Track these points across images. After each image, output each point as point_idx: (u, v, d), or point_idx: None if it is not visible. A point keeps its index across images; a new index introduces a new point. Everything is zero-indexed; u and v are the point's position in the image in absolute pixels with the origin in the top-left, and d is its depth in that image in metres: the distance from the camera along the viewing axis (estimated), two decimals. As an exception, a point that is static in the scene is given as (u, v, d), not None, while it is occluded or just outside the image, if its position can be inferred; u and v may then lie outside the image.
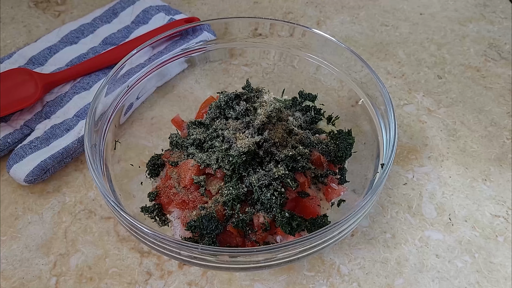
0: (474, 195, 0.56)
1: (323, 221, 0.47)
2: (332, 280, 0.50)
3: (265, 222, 0.46)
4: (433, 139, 0.61)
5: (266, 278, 0.50)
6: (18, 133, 0.59)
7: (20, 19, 0.75)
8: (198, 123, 0.54)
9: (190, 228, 0.46)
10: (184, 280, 0.50)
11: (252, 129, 0.50)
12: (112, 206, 0.44)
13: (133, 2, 0.74)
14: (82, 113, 0.60)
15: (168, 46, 0.62)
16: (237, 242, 0.47)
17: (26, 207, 0.55)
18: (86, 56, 0.67)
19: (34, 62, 0.66)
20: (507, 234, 0.53)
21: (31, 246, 0.52)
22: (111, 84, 0.53)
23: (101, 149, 0.51)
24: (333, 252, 0.52)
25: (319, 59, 0.59)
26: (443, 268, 0.51)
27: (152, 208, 0.51)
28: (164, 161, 0.53)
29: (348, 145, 0.52)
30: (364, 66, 0.53)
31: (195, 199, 0.48)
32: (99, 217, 0.54)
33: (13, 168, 0.55)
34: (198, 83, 0.64)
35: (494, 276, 0.50)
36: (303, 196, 0.48)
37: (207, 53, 0.62)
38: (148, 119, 0.60)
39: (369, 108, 0.54)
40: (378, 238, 0.53)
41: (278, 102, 0.55)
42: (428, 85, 0.67)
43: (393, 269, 0.51)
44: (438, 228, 0.54)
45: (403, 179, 0.58)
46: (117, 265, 0.51)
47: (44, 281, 0.50)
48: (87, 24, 0.71)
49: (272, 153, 0.48)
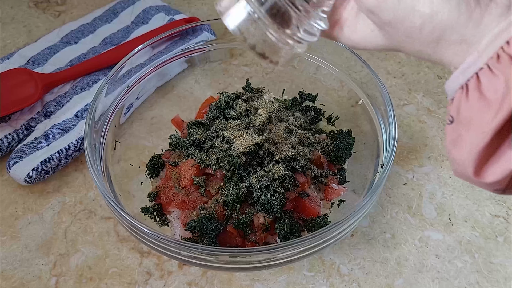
0: (474, 195, 0.56)
1: (323, 221, 0.47)
2: (332, 280, 0.50)
3: (265, 222, 0.46)
4: (433, 140, 0.61)
5: (266, 278, 0.50)
6: (18, 133, 0.59)
7: (20, 19, 0.75)
8: (198, 123, 0.54)
9: (190, 228, 0.46)
10: (184, 280, 0.50)
11: (252, 130, 0.50)
12: (112, 206, 0.44)
13: (133, 2, 0.74)
14: (82, 113, 0.60)
15: (168, 46, 0.62)
16: (237, 242, 0.47)
17: (26, 207, 0.55)
18: (86, 56, 0.67)
19: (34, 62, 0.66)
20: (507, 234, 0.53)
21: (31, 246, 0.52)
22: (111, 84, 0.53)
23: (101, 149, 0.51)
24: (333, 252, 0.52)
25: (319, 59, 0.59)
26: (443, 268, 0.51)
27: (152, 208, 0.51)
28: (164, 161, 0.53)
29: (348, 145, 0.52)
30: (364, 66, 0.53)
31: (195, 199, 0.48)
32: (99, 217, 0.54)
33: (13, 168, 0.55)
34: (198, 83, 0.64)
35: (494, 276, 0.50)
36: (303, 196, 0.48)
37: (207, 53, 0.62)
38: (148, 119, 0.60)
39: (369, 108, 0.54)
40: (378, 238, 0.53)
41: (278, 103, 0.55)
42: (428, 85, 0.67)
43: (393, 269, 0.51)
44: (438, 228, 0.54)
45: (403, 179, 0.58)
46: (117, 265, 0.51)
47: (44, 281, 0.50)
48: (87, 24, 0.71)
49: (272, 153, 0.48)
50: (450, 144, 0.31)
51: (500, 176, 0.28)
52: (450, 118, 0.30)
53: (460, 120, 0.29)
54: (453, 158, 0.30)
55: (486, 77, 0.28)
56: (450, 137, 0.31)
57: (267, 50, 0.34)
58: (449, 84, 0.30)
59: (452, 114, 0.30)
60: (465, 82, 0.29)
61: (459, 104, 0.29)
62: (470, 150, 0.29)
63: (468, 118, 0.29)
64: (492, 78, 0.27)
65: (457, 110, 0.29)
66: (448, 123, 0.31)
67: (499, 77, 0.27)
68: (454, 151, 0.30)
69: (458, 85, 0.29)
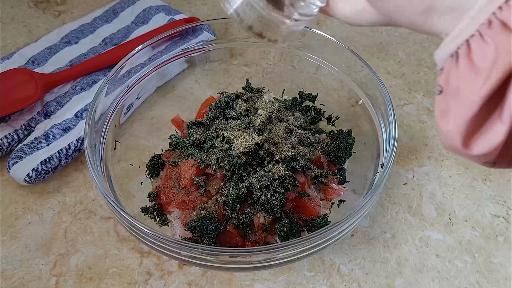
0: (474, 195, 0.56)
1: (323, 221, 0.47)
2: (332, 280, 0.50)
3: (265, 222, 0.46)
4: (433, 140, 0.61)
5: (266, 278, 0.50)
6: (18, 133, 0.59)
7: (20, 19, 0.75)
8: (198, 123, 0.54)
9: (190, 228, 0.46)
10: (184, 280, 0.50)
11: (252, 130, 0.50)
12: (112, 206, 0.44)
13: (133, 2, 0.74)
14: (82, 113, 0.60)
15: (168, 46, 0.62)
16: (237, 242, 0.47)
17: (26, 207, 0.55)
18: (86, 56, 0.67)
19: (34, 62, 0.66)
20: (507, 234, 0.53)
21: (31, 246, 0.52)
22: (111, 84, 0.53)
23: (101, 149, 0.51)
24: (333, 252, 0.52)
25: (319, 59, 0.59)
26: (443, 268, 0.51)
27: (152, 208, 0.51)
28: (164, 161, 0.53)
29: (348, 145, 0.52)
30: (364, 66, 0.53)
31: (195, 199, 0.48)
32: (99, 217, 0.54)
33: (13, 168, 0.55)
34: (198, 83, 0.64)
35: (494, 276, 0.50)
36: (303, 196, 0.48)
37: (207, 53, 0.62)
38: (148, 119, 0.60)
39: (369, 108, 0.54)
40: (378, 238, 0.53)
41: (278, 103, 0.55)
42: (428, 85, 0.67)
43: (393, 269, 0.51)
44: (438, 228, 0.54)
45: (403, 179, 0.58)
46: (117, 265, 0.51)
47: (44, 281, 0.50)
48: (87, 24, 0.71)
49: (272, 153, 0.48)
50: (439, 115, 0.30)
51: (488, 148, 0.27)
52: (439, 88, 0.29)
53: (449, 90, 0.29)
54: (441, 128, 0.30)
55: (476, 44, 0.27)
56: (438, 108, 0.30)
57: (264, 29, 0.35)
58: (439, 53, 0.29)
59: (441, 84, 0.29)
60: (455, 50, 0.28)
61: (449, 73, 0.28)
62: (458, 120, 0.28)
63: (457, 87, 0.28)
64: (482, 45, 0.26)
65: (446, 79, 0.29)
66: (437, 93, 0.30)
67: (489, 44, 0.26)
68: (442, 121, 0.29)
69: (448, 54, 0.29)
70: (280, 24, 0.35)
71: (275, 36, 0.36)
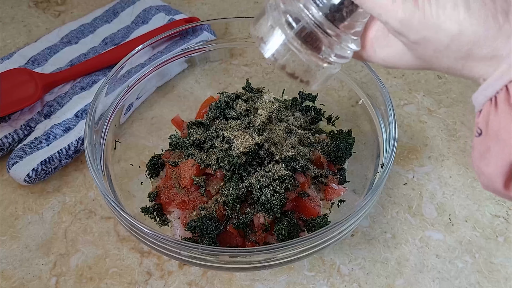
0: (474, 195, 0.56)
1: (323, 221, 0.47)
2: (332, 280, 0.50)
3: (265, 222, 0.46)
4: (433, 140, 0.61)
5: (266, 278, 0.50)
6: (18, 133, 0.59)
7: (20, 19, 0.75)
8: (198, 123, 0.54)
9: (190, 228, 0.46)
10: (184, 280, 0.50)
11: (252, 130, 0.50)
12: (112, 206, 0.44)
13: (133, 2, 0.73)
14: (82, 113, 0.60)
15: (168, 46, 0.62)
16: (237, 242, 0.47)
17: (26, 207, 0.55)
18: (86, 56, 0.67)
19: (34, 62, 0.66)
20: (507, 234, 0.53)
21: (31, 246, 0.52)
22: (111, 84, 0.53)
23: (101, 149, 0.51)
24: (334, 252, 0.52)
25: (319, 59, 0.59)
26: (444, 268, 0.51)
27: (152, 208, 0.51)
28: (164, 161, 0.53)
29: (348, 145, 0.52)
30: (364, 66, 0.53)
31: (195, 199, 0.48)
32: (99, 217, 0.54)
33: (13, 168, 0.55)
34: (198, 83, 0.64)
35: (494, 276, 0.50)
36: (303, 196, 0.48)
37: (207, 53, 0.62)
38: (148, 119, 0.60)
39: (369, 108, 0.54)
40: (378, 238, 0.53)
41: (278, 103, 0.55)
42: (428, 85, 0.67)
43: (393, 269, 0.51)
44: (438, 228, 0.53)
45: (403, 179, 0.58)
46: (117, 265, 0.51)
47: (44, 281, 0.50)
48: (87, 24, 0.71)
49: (272, 153, 0.48)
50: (477, 156, 0.30)
51: None
52: (478, 130, 0.30)
53: (489, 133, 0.29)
54: (481, 171, 0.30)
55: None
56: (477, 150, 0.30)
57: (297, 70, 0.35)
58: (477, 96, 0.30)
59: (481, 126, 0.30)
60: (493, 95, 0.29)
61: (488, 117, 0.29)
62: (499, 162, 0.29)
63: (497, 131, 0.29)
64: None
65: (486, 123, 0.29)
66: (476, 135, 0.30)
67: None
68: (482, 164, 0.30)
69: (486, 98, 0.29)
70: (314, 66, 0.34)
71: (307, 77, 0.35)
